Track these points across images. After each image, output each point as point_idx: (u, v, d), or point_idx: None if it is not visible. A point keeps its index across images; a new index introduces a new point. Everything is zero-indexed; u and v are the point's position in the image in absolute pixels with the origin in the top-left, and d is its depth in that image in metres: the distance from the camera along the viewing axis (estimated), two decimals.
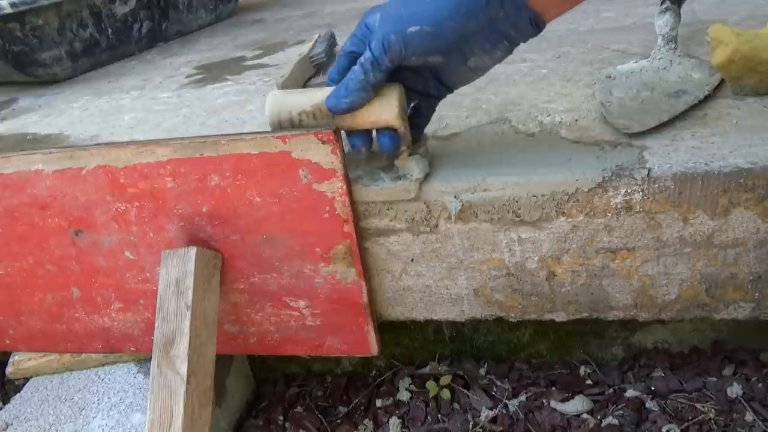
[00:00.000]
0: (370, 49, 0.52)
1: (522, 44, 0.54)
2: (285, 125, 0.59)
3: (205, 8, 1.60)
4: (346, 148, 0.60)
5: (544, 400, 0.75)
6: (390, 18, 0.52)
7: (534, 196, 0.57)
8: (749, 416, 0.68)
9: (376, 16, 0.54)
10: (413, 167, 0.59)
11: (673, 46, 0.73)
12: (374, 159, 0.63)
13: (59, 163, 0.64)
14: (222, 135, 0.61)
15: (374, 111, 0.56)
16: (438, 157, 0.64)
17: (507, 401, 0.76)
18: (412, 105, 0.61)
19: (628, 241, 0.58)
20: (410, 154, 0.59)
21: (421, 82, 0.58)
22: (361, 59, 0.53)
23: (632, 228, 0.57)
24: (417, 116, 0.61)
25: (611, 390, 0.75)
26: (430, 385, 0.79)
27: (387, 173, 0.61)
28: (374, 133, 0.60)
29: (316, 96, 0.57)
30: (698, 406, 0.70)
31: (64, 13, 1.20)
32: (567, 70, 0.81)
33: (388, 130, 0.57)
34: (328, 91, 0.56)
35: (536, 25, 0.52)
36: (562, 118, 0.67)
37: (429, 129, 0.70)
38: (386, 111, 0.55)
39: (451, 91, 0.59)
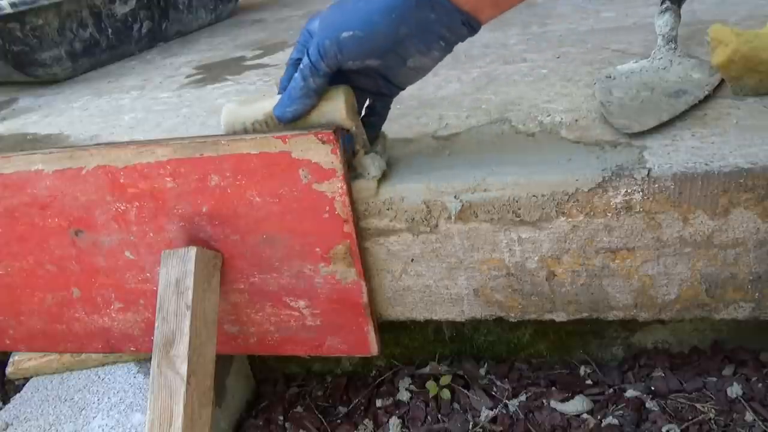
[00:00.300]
0: (308, 56, 0.54)
1: (521, 45, 0.54)
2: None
3: (205, 8, 1.60)
4: None
5: (544, 400, 0.75)
6: (325, 24, 0.53)
7: (534, 196, 0.57)
8: (749, 416, 0.68)
9: (315, 22, 0.55)
10: (369, 165, 0.60)
11: (673, 46, 0.73)
12: None
13: (59, 163, 0.64)
14: (222, 135, 0.61)
15: (323, 114, 0.57)
16: (438, 157, 0.64)
17: (507, 401, 0.76)
18: (366, 105, 0.61)
19: (628, 241, 0.58)
20: (366, 153, 0.60)
21: (371, 82, 0.59)
22: (300, 66, 0.54)
23: (632, 228, 0.57)
24: (372, 115, 0.62)
25: (611, 390, 0.75)
26: (430, 385, 0.79)
27: None
28: None
29: (266, 105, 0.58)
30: (698, 406, 0.70)
31: (64, 13, 1.20)
32: (567, 70, 0.81)
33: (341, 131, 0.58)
34: (276, 99, 0.57)
35: (470, 26, 0.52)
36: (562, 118, 0.67)
37: (429, 129, 0.70)
38: (334, 113, 0.56)
39: (403, 89, 0.60)
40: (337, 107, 0.56)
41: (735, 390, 0.71)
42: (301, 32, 0.57)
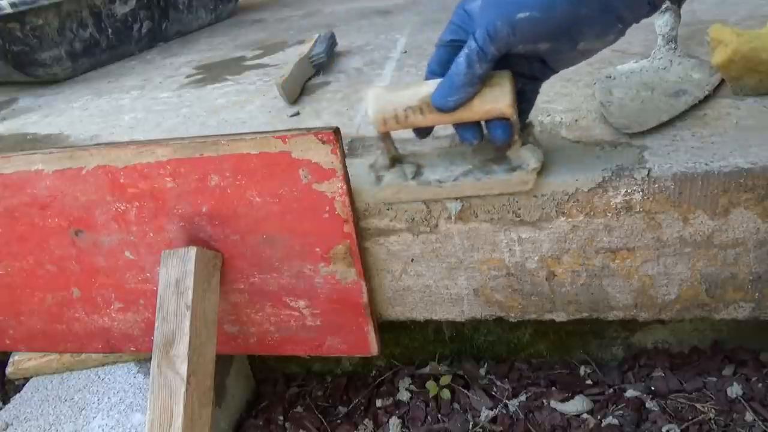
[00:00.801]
0: (475, 39, 0.48)
1: None
2: (390, 123, 0.55)
3: (205, 8, 1.60)
4: (449, 141, 0.57)
5: (544, 400, 0.75)
6: (495, 4, 0.48)
7: (534, 196, 0.57)
8: (749, 416, 0.68)
9: (477, 1, 0.50)
10: (528, 157, 0.55)
11: (673, 46, 0.73)
12: (481, 151, 0.58)
13: (59, 163, 0.64)
14: (222, 135, 0.61)
15: (486, 101, 0.51)
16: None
17: (507, 401, 0.76)
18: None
19: (628, 241, 0.58)
20: (523, 143, 0.56)
21: (526, 65, 0.54)
22: (465, 50, 0.49)
23: (632, 228, 0.57)
24: (521, 101, 0.56)
25: (611, 390, 0.75)
26: (430, 385, 0.79)
27: (500, 165, 0.57)
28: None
29: (421, 91, 0.53)
30: (698, 406, 0.70)
31: (64, 13, 1.20)
32: (567, 70, 0.81)
33: (500, 120, 0.53)
34: (431, 85, 0.53)
35: (653, 5, 0.48)
36: (562, 118, 0.67)
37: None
38: (499, 100, 0.51)
39: (556, 72, 0.55)
40: (502, 94, 0.51)
41: (735, 390, 0.71)
42: (455, 11, 0.51)
